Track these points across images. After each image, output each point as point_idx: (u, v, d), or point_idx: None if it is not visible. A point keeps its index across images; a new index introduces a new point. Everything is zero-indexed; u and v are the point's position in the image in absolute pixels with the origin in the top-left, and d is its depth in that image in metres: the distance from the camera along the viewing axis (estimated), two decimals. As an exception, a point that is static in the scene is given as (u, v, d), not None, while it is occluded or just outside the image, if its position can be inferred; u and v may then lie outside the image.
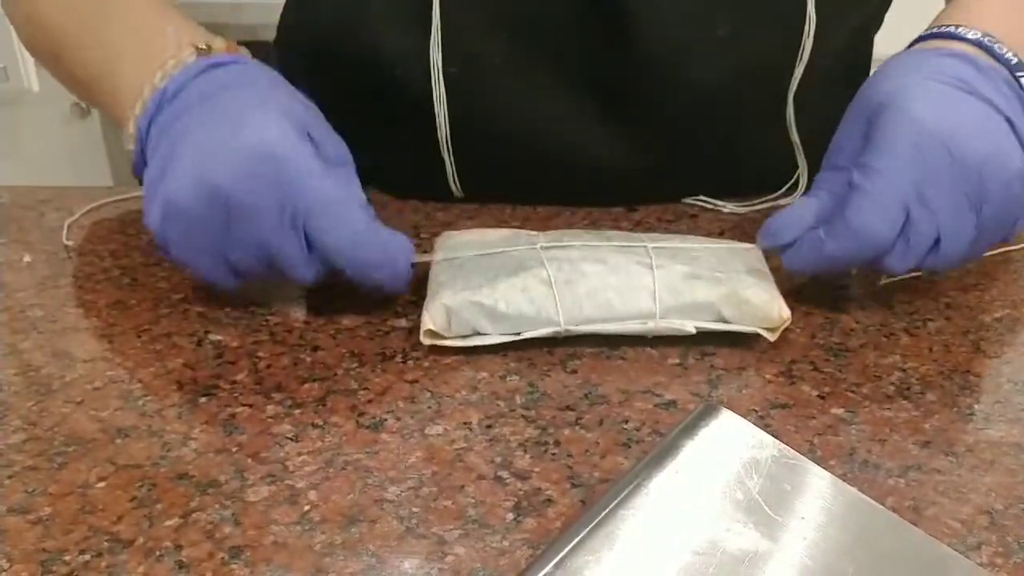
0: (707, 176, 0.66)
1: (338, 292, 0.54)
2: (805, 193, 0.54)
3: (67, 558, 0.36)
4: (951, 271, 0.56)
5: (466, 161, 0.65)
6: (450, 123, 0.63)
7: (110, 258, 0.59)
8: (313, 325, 0.52)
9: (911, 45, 0.55)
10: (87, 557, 0.36)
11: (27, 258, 0.60)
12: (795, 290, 0.53)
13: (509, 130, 0.64)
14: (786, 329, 0.51)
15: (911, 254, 0.49)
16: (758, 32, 0.61)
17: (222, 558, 0.36)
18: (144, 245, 0.61)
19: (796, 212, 0.52)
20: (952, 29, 0.53)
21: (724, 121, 0.64)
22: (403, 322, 0.52)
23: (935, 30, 0.54)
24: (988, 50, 0.51)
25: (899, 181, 0.47)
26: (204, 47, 0.52)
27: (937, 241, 0.48)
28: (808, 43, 0.61)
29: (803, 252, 0.51)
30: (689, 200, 0.67)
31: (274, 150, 0.46)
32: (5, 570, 0.36)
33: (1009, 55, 0.51)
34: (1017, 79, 0.51)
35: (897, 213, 0.48)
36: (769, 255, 0.52)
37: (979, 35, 0.52)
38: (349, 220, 0.48)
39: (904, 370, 0.48)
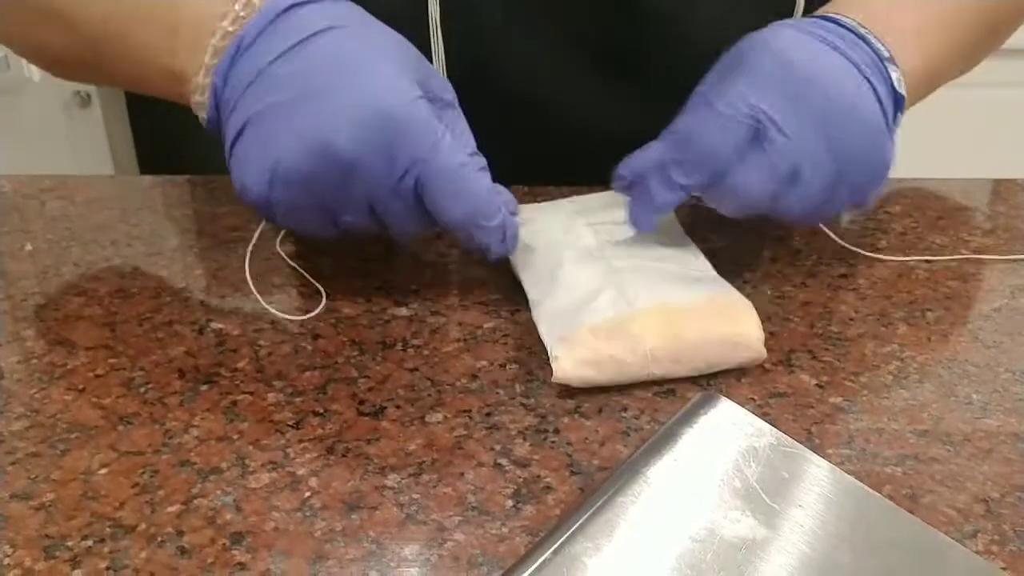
0: None
1: (339, 282, 0.54)
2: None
3: (69, 544, 0.37)
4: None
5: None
6: (447, 79, 0.62)
7: (112, 247, 0.60)
8: (314, 314, 0.52)
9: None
10: (89, 543, 0.37)
11: (29, 247, 0.60)
12: (795, 281, 0.53)
13: (507, 88, 0.63)
14: (785, 318, 0.51)
15: (766, 170, 0.48)
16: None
17: (223, 544, 0.36)
18: (145, 234, 0.61)
19: (646, 148, 0.51)
20: (829, 14, 0.53)
21: None
22: (403, 311, 0.52)
23: (815, 14, 0.55)
24: (853, 31, 0.52)
25: (748, 97, 0.47)
26: None
27: (796, 175, 0.48)
28: (800, 2, 0.61)
29: (646, 181, 0.50)
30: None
31: (395, 112, 0.45)
32: (8, 556, 0.36)
33: (875, 41, 0.51)
34: (885, 66, 0.51)
35: (738, 126, 0.47)
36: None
37: (854, 23, 0.52)
38: (468, 189, 0.47)
39: (902, 359, 0.48)
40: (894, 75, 0.51)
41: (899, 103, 0.51)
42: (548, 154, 0.65)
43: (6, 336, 0.50)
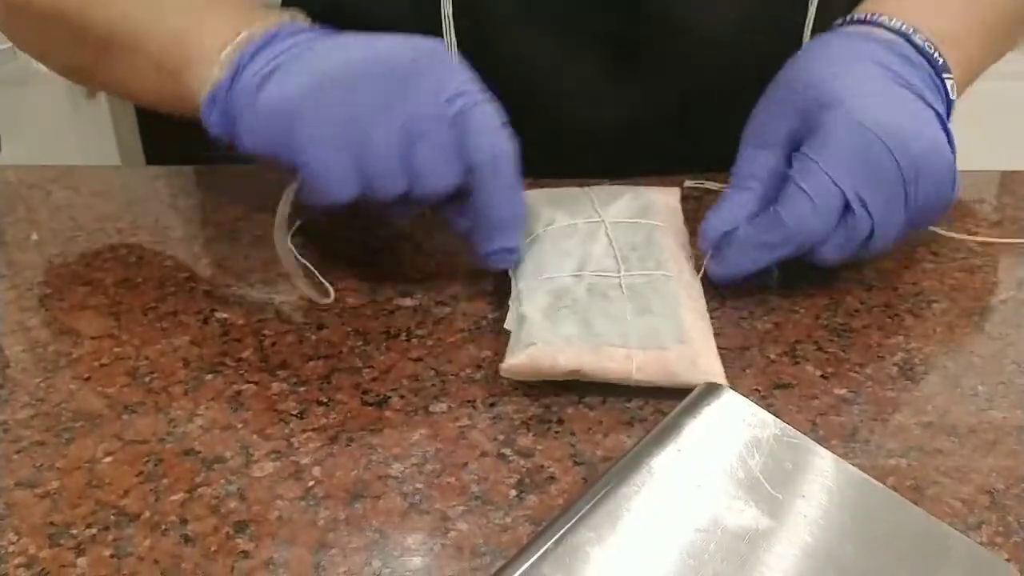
0: (716, 136, 0.66)
1: (344, 271, 0.54)
2: (732, 176, 0.53)
3: (74, 532, 0.37)
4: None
5: None
6: None
7: (117, 236, 0.60)
8: (318, 304, 0.52)
9: (830, 29, 0.56)
10: (94, 531, 0.37)
11: (34, 236, 0.60)
12: (801, 272, 0.53)
13: (519, 84, 0.63)
14: (791, 310, 0.51)
15: (845, 248, 0.49)
16: None
17: (227, 532, 0.37)
18: (151, 224, 0.61)
19: (730, 207, 0.51)
20: (875, 17, 0.53)
21: (734, 77, 0.64)
22: (408, 301, 0.52)
23: (857, 16, 0.55)
24: (909, 40, 0.52)
25: (839, 182, 0.48)
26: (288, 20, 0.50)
27: (870, 235, 0.49)
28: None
29: (732, 249, 0.50)
30: (691, 183, 0.66)
31: (440, 48, 0.47)
32: (13, 543, 0.36)
33: (932, 51, 0.52)
34: (941, 78, 0.51)
35: (834, 213, 0.48)
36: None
37: (901, 24, 0.52)
38: (505, 132, 0.48)
39: (908, 351, 0.48)
40: (948, 83, 0.52)
41: (951, 108, 0.52)
42: (558, 148, 0.65)
43: (11, 325, 0.50)
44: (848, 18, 0.56)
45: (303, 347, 0.48)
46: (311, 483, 0.39)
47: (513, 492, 0.39)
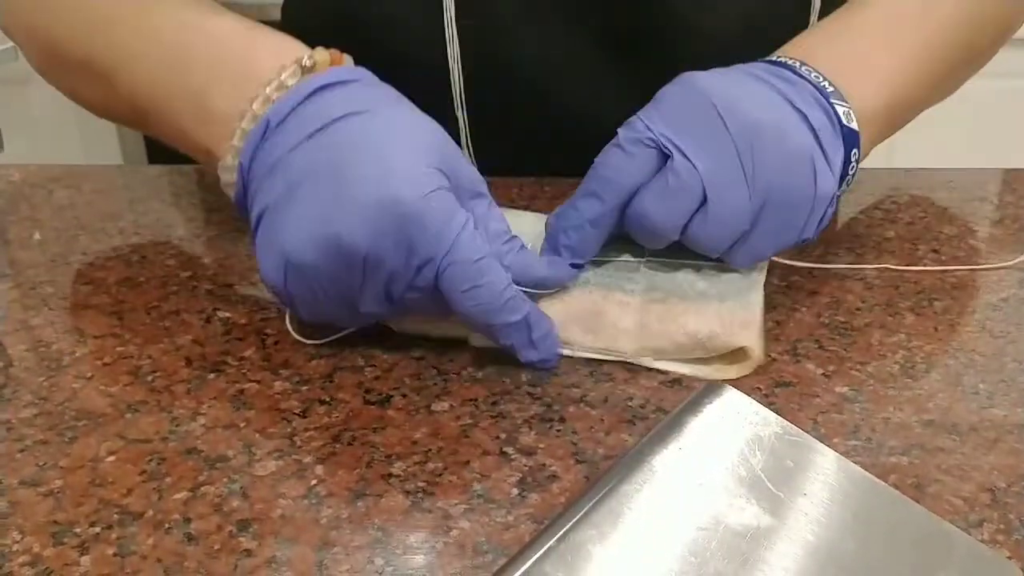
0: None
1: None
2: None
3: (77, 530, 0.37)
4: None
5: (480, 121, 0.64)
6: (464, 80, 0.62)
7: (120, 236, 0.60)
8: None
9: None
10: (97, 529, 0.37)
11: (37, 235, 0.60)
12: (803, 270, 0.53)
13: (523, 85, 0.63)
14: (792, 308, 0.51)
15: (671, 198, 0.46)
16: None
17: (230, 531, 0.37)
18: (153, 223, 0.61)
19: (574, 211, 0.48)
20: (777, 58, 0.52)
21: None
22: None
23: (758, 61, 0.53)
24: (801, 75, 0.50)
25: (654, 125, 0.46)
26: (308, 63, 0.47)
27: (705, 201, 0.46)
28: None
29: (561, 233, 0.48)
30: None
31: (409, 207, 0.41)
32: (17, 542, 0.36)
33: (824, 82, 0.50)
34: (829, 101, 0.49)
35: (648, 159, 0.46)
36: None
37: (795, 62, 0.51)
38: (485, 283, 0.43)
39: (909, 349, 0.48)
40: (840, 109, 0.49)
41: (850, 137, 0.49)
42: (560, 148, 0.65)
43: (14, 324, 0.51)
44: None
45: (305, 346, 0.48)
46: (314, 482, 0.39)
47: (515, 490, 0.39)
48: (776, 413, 0.37)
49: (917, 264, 0.56)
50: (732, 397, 0.38)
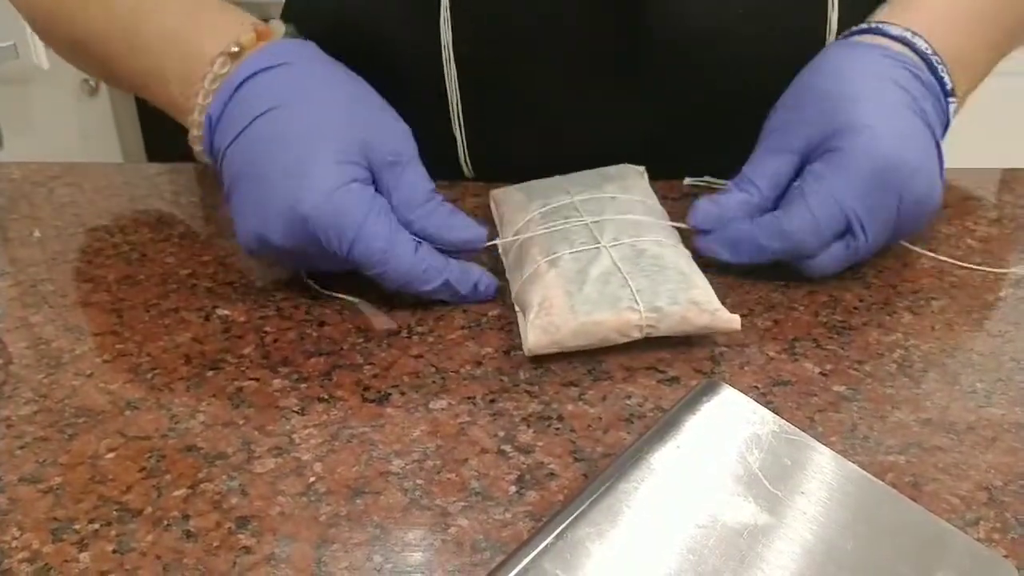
0: (725, 158, 0.66)
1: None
2: (739, 172, 0.55)
3: (77, 527, 0.37)
4: None
5: (477, 138, 0.64)
6: (462, 99, 0.62)
7: (119, 233, 0.60)
8: (319, 300, 0.52)
9: (847, 35, 0.58)
10: (97, 526, 0.37)
11: (37, 233, 0.60)
12: (799, 271, 0.53)
13: (522, 109, 0.63)
14: (790, 307, 0.51)
15: (833, 266, 0.52)
16: (777, 6, 0.61)
17: (229, 528, 0.37)
18: (153, 221, 0.61)
19: (729, 203, 0.53)
20: (881, 26, 0.55)
21: (741, 99, 0.63)
22: (408, 297, 0.52)
23: (863, 27, 0.57)
24: (914, 48, 0.54)
25: (846, 208, 0.50)
26: (235, 50, 0.51)
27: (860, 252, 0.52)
28: (833, 17, 0.61)
29: (731, 238, 0.53)
30: (691, 181, 0.66)
31: (308, 213, 0.47)
32: (16, 538, 0.36)
33: (938, 64, 0.54)
34: (946, 101, 0.54)
35: (832, 233, 0.51)
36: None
37: (929, 49, 0.54)
38: (395, 265, 0.48)
39: (906, 348, 0.48)
40: (951, 107, 0.54)
41: (947, 129, 0.54)
42: (559, 165, 0.65)
43: (14, 321, 0.51)
44: (857, 28, 0.57)
45: (304, 344, 0.48)
46: (312, 479, 0.39)
47: (513, 488, 0.39)
48: (774, 412, 0.38)
49: (913, 263, 0.56)
50: (730, 396, 0.38)
